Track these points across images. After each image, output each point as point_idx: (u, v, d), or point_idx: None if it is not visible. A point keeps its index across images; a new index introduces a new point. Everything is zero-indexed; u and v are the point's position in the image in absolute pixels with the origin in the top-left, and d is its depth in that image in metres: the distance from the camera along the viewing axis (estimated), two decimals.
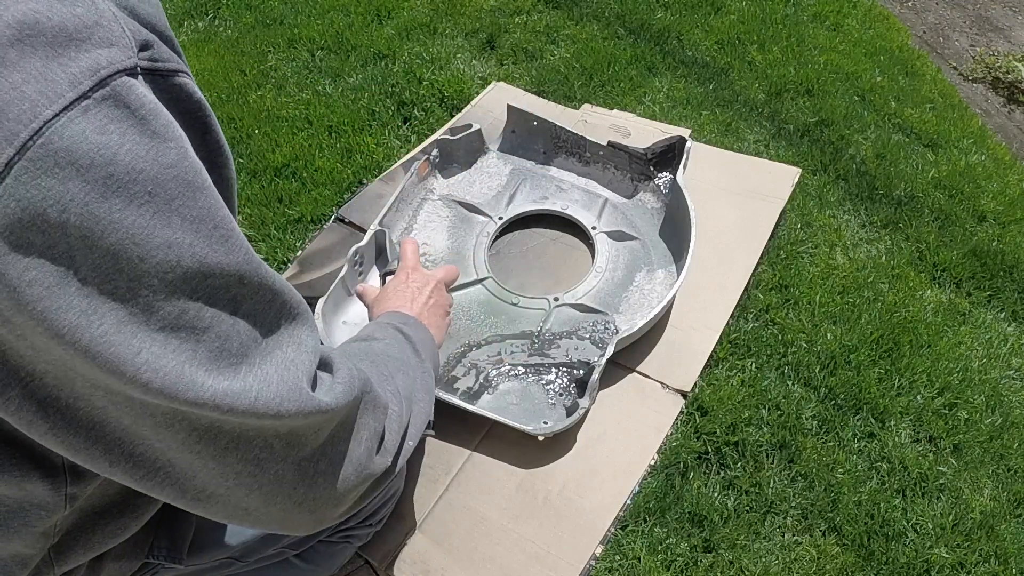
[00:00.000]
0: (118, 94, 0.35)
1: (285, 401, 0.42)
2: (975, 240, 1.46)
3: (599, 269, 1.29)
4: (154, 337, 0.37)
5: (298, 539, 0.80)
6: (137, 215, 0.35)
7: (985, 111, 1.96)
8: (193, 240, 0.37)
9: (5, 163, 0.32)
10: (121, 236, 0.35)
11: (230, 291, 0.39)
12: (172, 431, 0.40)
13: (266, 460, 0.44)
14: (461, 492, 1.06)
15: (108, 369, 0.36)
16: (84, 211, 0.34)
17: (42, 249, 0.34)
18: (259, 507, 0.46)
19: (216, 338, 0.39)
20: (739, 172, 1.49)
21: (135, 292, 0.36)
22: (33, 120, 0.32)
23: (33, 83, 0.33)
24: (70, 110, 0.33)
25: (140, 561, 0.64)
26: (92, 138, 0.34)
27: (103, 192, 0.34)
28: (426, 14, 2.02)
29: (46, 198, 0.33)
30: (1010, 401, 1.20)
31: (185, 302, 0.37)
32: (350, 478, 0.50)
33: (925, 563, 1.02)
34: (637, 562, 1.01)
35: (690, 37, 1.94)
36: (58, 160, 0.33)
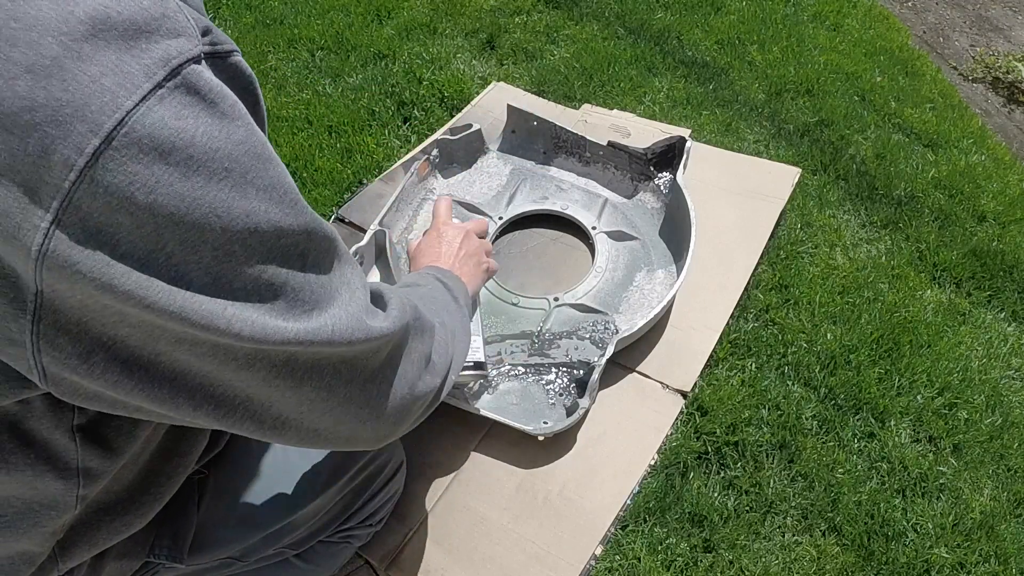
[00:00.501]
0: (188, 82, 0.37)
1: (354, 331, 0.47)
2: (975, 240, 1.46)
3: (599, 269, 1.29)
4: (238, 297, 0.40)
5: (298, 539, 0.80)
6: (217, 190, 0.38)
7: (985, 111, 1.96)
8: (268, 207, 0.40)
9: (92, 152, 0.34)
10: (205, 211, 0.37)
11: (299, 247, 0.43)
12: (253, 370, 0.44)
13: (335, 385, 0.49)
14: (461, 492, 1.06)
15: (199, 326, 0.39)
16: (170, 191, 0.36)
17: (131, 229, 0.36)
18: (329, 428, 0.51)
19: (292, 290, 0.43)
20: (739, 172, 1.49)
21: (219, 260, 0.39)
22: (116, 111, 0.34)
23: (111, 75, 0.35)
24: (148, 99, 0.35)
25: (141, 560, 0.64)
26: (171, 124, 0.36)
27: (185, 172, 0.36)
28: (426, 14, 2.02)
29: (133, 183, 0.35)
30: (1010, 401, 1.20)
31: (264, 263, 0.41)
32: (405, 396, 0.56)
33: (925, 563, 1.02)
34: (637, 562, 1.01)
35: (690, 37, 1.94)
36: (142, 147, 0.35)
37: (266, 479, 0.75)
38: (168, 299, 0.38)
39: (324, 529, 0.83)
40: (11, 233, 0.35)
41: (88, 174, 0.34)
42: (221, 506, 0.71)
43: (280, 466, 0.77)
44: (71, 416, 0.48)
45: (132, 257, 0.37)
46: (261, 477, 0.75)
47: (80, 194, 0.35)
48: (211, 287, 0.39)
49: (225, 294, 0.40)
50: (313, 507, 0.78)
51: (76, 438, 0.49)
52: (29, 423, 0.47)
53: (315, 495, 0.77)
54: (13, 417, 0.46)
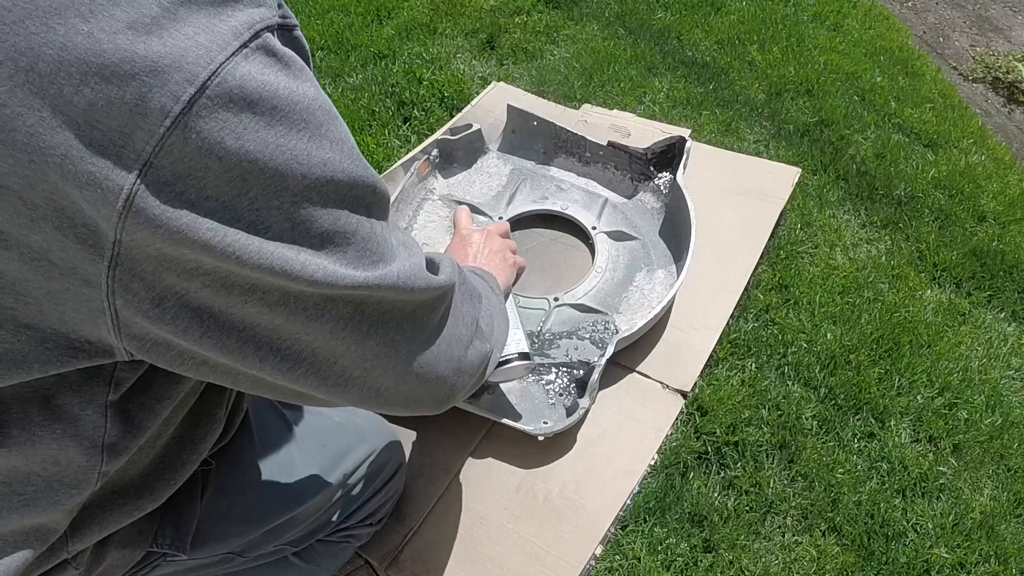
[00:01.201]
0: (267, 45, 0.41)
1: (416, 279, 0.50)
2: (975, 240, 1.46)
3: (599, 269, 1.29)
4: (312, 244, 0.43)
5: (299, 537, 0.80)
6: (297, 139, 0.41)
7: (985, 111, 1.96)
8: (340, 158, 0.44)
9: (188, 100, 0.37)
10: (287, 157, 0.41)
11: (366, 199, 0.47)
12: (321, 322, 0.46)
13: (399, 341, 0.51)
14: (461, 492, 1.06)
15: (274, 271, 0.42)
16: (256, 138, 0.39)
17: (218, 174, 0.39)
18: (391, 387, 0.53)
19: (361, 239, 0.46)
20: (739, 172, 1.49)
21: (297, 205, 0.42)
22: (210, 63, 0.37)
23: (204, 34, 0.38)
24: (236, 56, 0.39)
25: (144, 550, 0.64)
26: (257, 77, 0.39)
27: (269, 121, 0.40)
28: (426, 14, 2.02)
29: (223, 128, 0.38)
30: (1010, 401, 1.20)
31: (337, 211, 0.44)
32: (460, 358, 0.59)
33: (925, 563, 1.02)
34: (637, 562, 1.01)
35: (690, 37, 1.94)
36: (232, 96, 0.38)
37: (268, 474, 0.76)
38: (246, 245, 0.41)
39: (324, 527, 0.83)
40: (102, 178, 0.37)
41: (183, 120, 0.37)
42: (224, 500, 0.71)
43: (282, 462, 0.77)
44: (105, 392, 0.49)
45: (216, 201, 0.39)
46: (263, 472, 0.75)
47: (173, 139, 0.37)
48: (288, 232, 0.42)
49: (301, 240, 0.43)
50: (314, 503, 0.78)
51: (107, 414, 0.50)
52: (62, 397, 0.48)
53: (316, 491, 0.78)
54: (47, 391, 0.47)
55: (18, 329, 0.43)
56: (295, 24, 0.45)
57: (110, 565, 0.61)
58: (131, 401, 0.52)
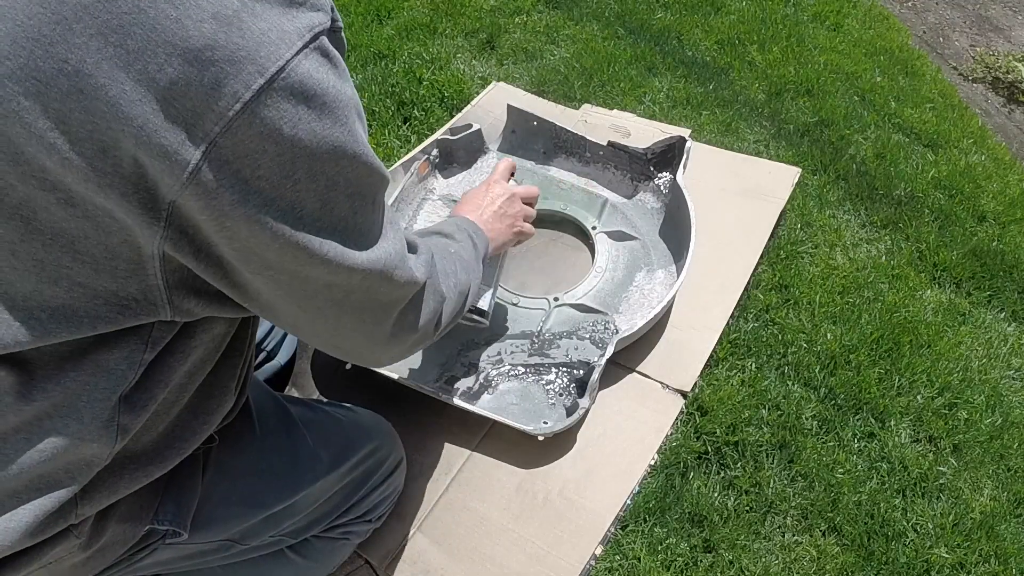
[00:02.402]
0: (323, 46, 0.46)
1: (397, 266, 0.58)
2: (975, 240, 1.46)
3: (599, 269, 1.29)
4: (335, 223, 0.51)
5: (297, 527, 0.81)
6: (339, 132, 0.47)
7: (985, 111, 1.96)
8: (366, 152, 0.50)
9: (257, 89, 0.42)
10: (329, 147, 0.47)
11: (375, 188, 0.53)
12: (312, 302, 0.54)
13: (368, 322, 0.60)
14: (461, 492, 1.06)
15: (296, 249, 0.48)
16: (308, 128, 0.45)
17: (273, 156, 0.44)
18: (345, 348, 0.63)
19: (369, 225, 0.54)
20: (739, 172, 1.49)
21: (330, 188, 0.48)
22: (279, 59, 0.42)
23: (275, 31, 0.43)
24: (299, 54, 0.44)
25: (145, 526, 0.64)
26: (314, 75, 0.45)
27: (320, 115, 0.45)
28: (426, 14, 2.02)
29: (282, 117, 0.43)
30: (1010, 401, 1.20)
31: (356, 196, 0.51)
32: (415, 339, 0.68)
33: (925, 563, 1.02)
34: (637, 562, 1.01)
35: (690, 37, 1.94)
36: (292, 90, 0.43)
37: (268, 459, 0.76)
38: (279, 224, 0.47)
39: (323, 519, 0.83)
40: (172, 150, 0.42)
41: (251, 107, 0.42)
42: (224, 481, 0.72)
43: (282, 448, 0.77)
44: (142, 350, 0.53)
45: (266, 181, 0.45)
46: (264, 457, 0.76)
47: (240, 123, 0.42)
48: (318, 212, 0.49)
49: (325, 219, 0.49)
50: (314, 491, 0.78)
51: (137, 371, 0.54)
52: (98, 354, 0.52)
53: (316, 478, 0.78)
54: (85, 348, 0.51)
55: (72, 287, 0.47)
56: (341, 25, 0.51)
57: (110, 540, 0.62)
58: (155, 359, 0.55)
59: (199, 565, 0.76)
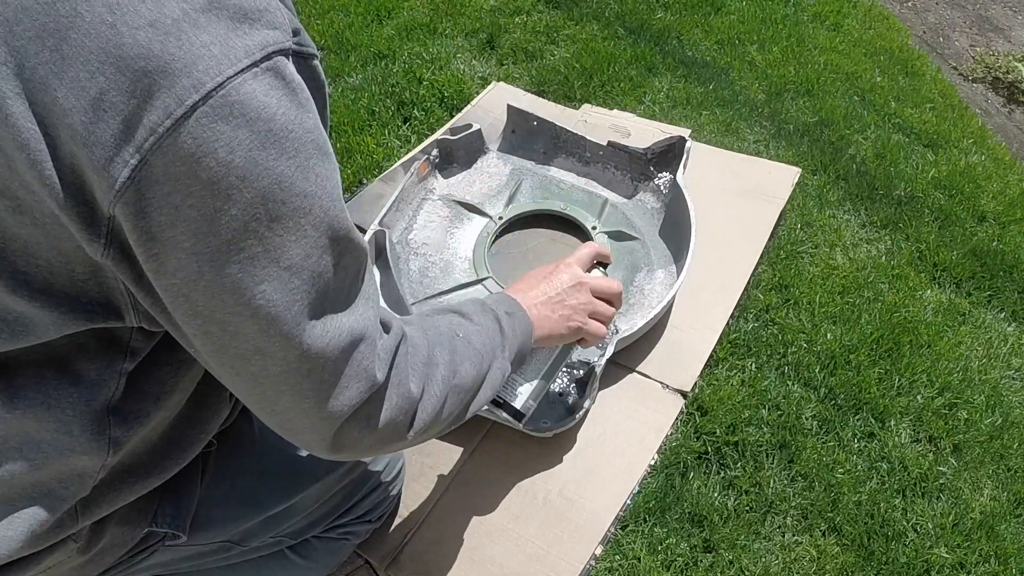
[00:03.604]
0: (278, 68, 0.42)
1: (352, 356, 0.49)
2: (975, 240, 1.46)
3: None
4: (280, 273, 0.44)
5: (297, 528, 0.80)
6: (285, 166, 0.42)
7: (985, 111, 1.96)
8: (322, 195, 0.44)
9: (191, 106, 0.38)
10: (271, 180, 0.41)
11: (340, 245, 0.47)
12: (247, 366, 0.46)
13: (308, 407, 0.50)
14: (461, 492, 1.06)
15: (229, 290, 0.43)
16: (247, 155, 0.40)
17: (206, 183, 0.40)
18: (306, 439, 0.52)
19: (324, 285, 0.46)
20: (739, 172, 1.49)
21: (273, 230, 0.43)
22: (218, 75, 0.39)
23: (218, 45, 0.39)
24: (245, 73, 0.40)
25: (143, 529, 0.64)
26: (260, 98, 0.40)
27: (263, 142, 0.41)
28: (426, 14, 2.02)
29: (218, 139, 0.39)
30: (1010, 401, 1.20)
31: (310, 247, 0.44)
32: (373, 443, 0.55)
33: (925, 563, 1.02)
34: (637, 562, 1.01)
35: (690, 37, 1.94)
36: (232, 111, 0.39)
37: (267, 460, 0.76)
38: (216, 256, 0.42)
39: (323, 520, 0.83)
40: (101, 164, 0.39)
41: (183, 123, 0.38)
42: (224, 483, 0.71)
43: (281, 449, 0.77)
44: (123, 359, 0.51)
45: (198, 211, 0.40)
46: (262, 458, 0.76)
47: (171, 141, 0.39)
48: (260, 257, 0.43)
49: (270, 266, 0.43)
50: (313, 492, 0.78)
51: (120, 382, 0.52)
52: (78, 363, 0.50)
53: (315, 479, 0.78)
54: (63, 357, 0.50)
55: (32, 294, 0.45)
56: (314, 54, 0.47)
57: (109, 543, 0.62)
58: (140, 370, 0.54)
59: (199, 566, 0.76)
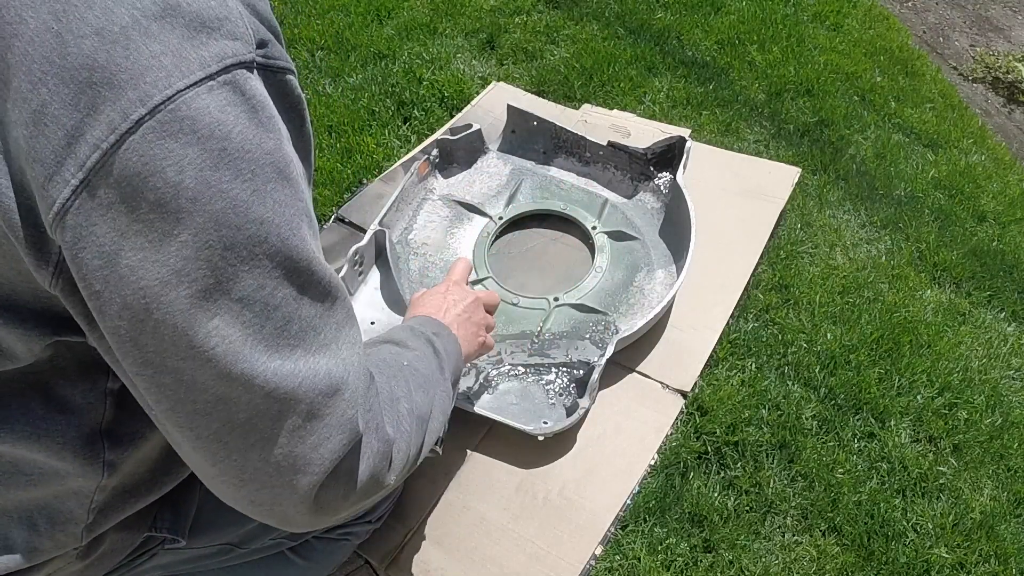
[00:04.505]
0: (237, 82, 0.38)
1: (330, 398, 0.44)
2: (975, 240, 1.46)
3: (599, 269, 1.29)
4: (231, 305, 0.40)
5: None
6: (240, 189, 0.38)
7: (985, 111, 1.96)
8: (279, 222, 0.40)
9: (136, 120, 0.35)
10: (224, 204, 0.38)
11: (300, 277, 0.43)
12: (207, 424, 0.42)
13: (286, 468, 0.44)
14: (461, 492, 1.06)
15: (181, 330, 0.39)
16: (198, 176, 0.37)
17: (153, 204, 0.37)
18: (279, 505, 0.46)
19: (282, 318, 0.42)
20: (739, 172, 1.49)
21: (226, 259, 0.39)
22: (167, 88, 0.36)
23: (170, 56, 0.36)
24: (198, 86, 0.37)
25: (142, 534, 0.64)
26: (214, 114, 0.37)
27: (216, 162, 0.37)
28: (426, 14, 2.02)
29: (167, 157, 0.36)
30: (1010, 401, 1.20)
31: (264, 277, 0.41)
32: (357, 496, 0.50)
33: (925, 563, 1.02)
34: (637, 562, 1.01)
35: (690, 37, 1.94)
36: (183, 126, 0.36)
37: None
38: (166, 286, 0.38)
39: None
40: (41, 183, 0.36)
41: (128, 140, 0.36)
42: None
43: None
44: (105, 379, 0.50)
45: (145, 237, 0.37)
46: None
47: (115, 158, 0.36)
48: (212, 288, 0.39)
49: (222, 298, 0.39)
50: None
51: (107, 402, 0.51)
52: (62, 389, 0.49)
53: None
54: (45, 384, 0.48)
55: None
56: (283, 67, 0.43)
57: (108, 549, 0.62)
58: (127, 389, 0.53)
59: (199, 568, 0.76)
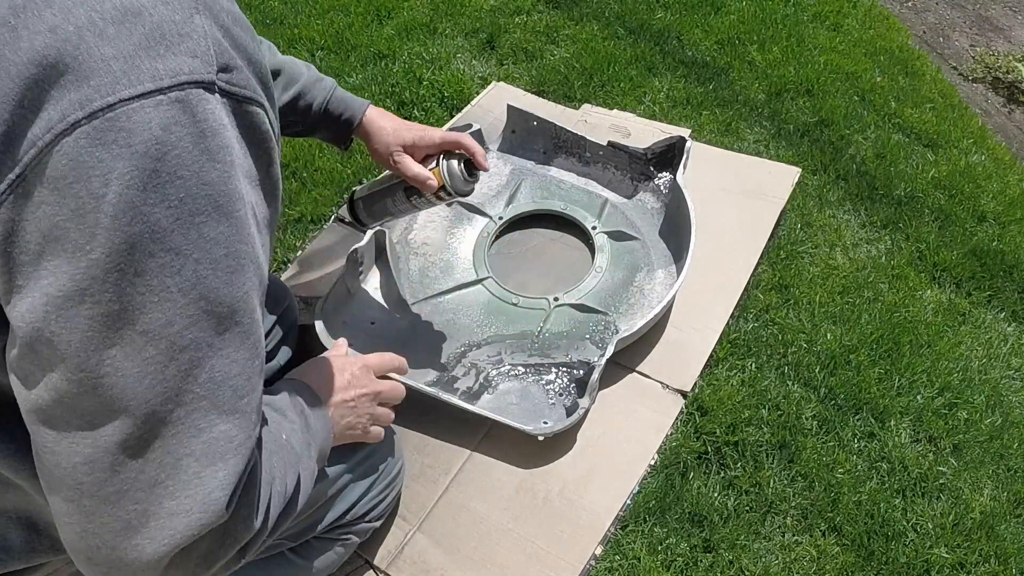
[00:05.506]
0: (189, 102, 0.37)
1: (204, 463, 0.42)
2: (975, 240, 1.46)
3: (599, 269, 1.29)
4: (134, 337, 0.38)
5: (297, 530, 0.80)
6: (163, 215, 0.37)
7: (985, 111, 1.96)
8: (200, 257, 0.38)
9: (72, 123, 0.34)
10: (144, 228, 0.36)
11: (220, 324, 0.40)
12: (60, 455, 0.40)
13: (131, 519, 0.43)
14: (461, 492, 1.06)
15: (75, 350, 0.37)
16: (123, 193, 0.35)
17: (72, 214, 0.35)
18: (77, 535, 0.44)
19: (191, 364, 0.39)
20: (739, 172, 1.49)
21: (135, 286, 0.37)
22: (110, 95, 0.35)
23: (121, 62, 0.35)
24: (145, 99, 0.35)
25: None
26: (155, 131, 0.36)
27: (144, 182, 0.36)
28: (426, 14, 2.02)
29: (95, 167, 0.35)
30: (1010, 401, 1.20)
31: (172, 313, 0.38)
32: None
33: (925, 563, 1.02)
34: (637, 562, 1.01)
35: (690, 37, 1.94)
36: (117, 137, 0.35)
37: None
38: (69, 301, 0.36)
39: (322, 522, 0.83)
40: None
41: (62, 140, 0.35)
42: None
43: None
44: None
45: (60, 243, 0.36)
46: None
47: (48, 158, 0.35)
48: (116, 315, 0.37)
49: (125, 327, 0.37)
50: (314, 492, 0.78)
51: None
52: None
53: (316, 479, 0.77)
54: None
55: None
56: (248, 97, 0.41)
57: None
58: None
59: None
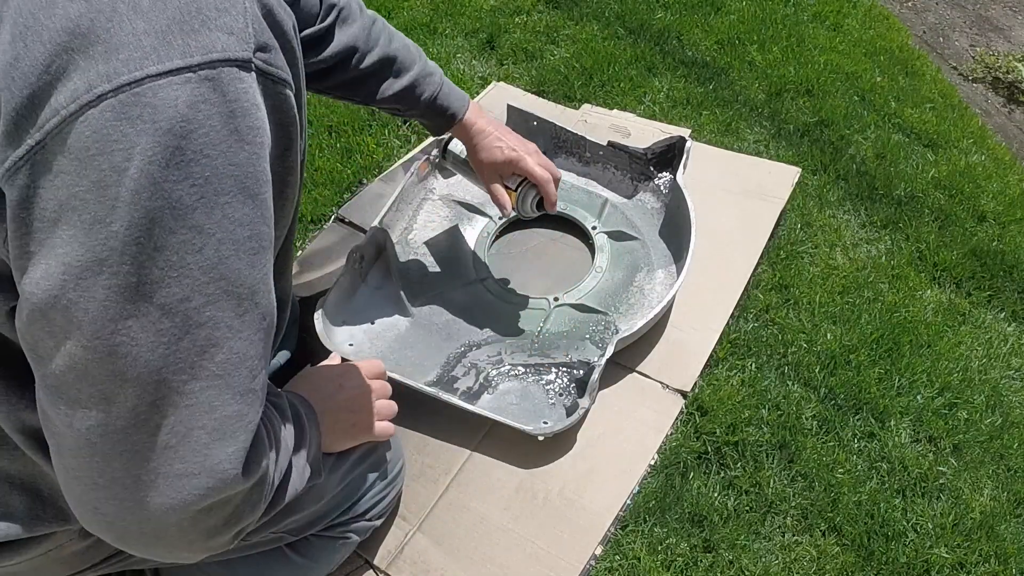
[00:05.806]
0: (220, 80, 0.36)
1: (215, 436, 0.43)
2: (975, 240, 1.46)
3: (599, 269, 1.29)
4: (151, 310, 0.37)
5: (296, 526, 0.80)
6: (185, 192, 0.36)
7: (985, 111, 1.96)
8: (223, 237, 0.38)
9: (98, 95, 0.34)
10: (164, 204, 0.36)
11: (239, 305, 0.40)
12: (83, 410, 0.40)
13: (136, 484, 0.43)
14: (461, 492, 1.06)
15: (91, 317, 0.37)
16: (144, 168, 0.35)
17: (93, 185, 0.35)
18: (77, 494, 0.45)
19: (204, 339, 0.39)
20: (739, 172, 1.49)
21: (154, 260, 0.37)
22: (137, 70, 0.34)
23: (152, 37, 0.35)
24: (173, 75, 0.35)
25: None
26: (181, 108, 0.35)
27: (167, 159, 0.35)
28: (426, 14, 2.02)
29: (119, 140, 0.34)
30: (1010, 401, 1.20)
31: (189, 289, 0.38)
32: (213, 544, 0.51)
33: (925, 563, 1.02)
34: (637, 562, 1.01)
35: (690, 37, 1.94)
36: (143, 113, 0.34)
37: None
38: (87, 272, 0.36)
39: (323, 518, 0.83)
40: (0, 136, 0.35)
41: (87, 112, 0.34)
42: None
43: None
44: None
45: (79, 213, 0.35)
46: None
47: (72, 127, 0.34)
48: (134, 287, 0.37)
49: (142, 299, 0.37)
50: (314, 489, 0.78)
51: None
52: None
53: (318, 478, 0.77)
54: None
55: None
56: (283, 79, 0.40)
57: None
58: None
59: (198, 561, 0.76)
